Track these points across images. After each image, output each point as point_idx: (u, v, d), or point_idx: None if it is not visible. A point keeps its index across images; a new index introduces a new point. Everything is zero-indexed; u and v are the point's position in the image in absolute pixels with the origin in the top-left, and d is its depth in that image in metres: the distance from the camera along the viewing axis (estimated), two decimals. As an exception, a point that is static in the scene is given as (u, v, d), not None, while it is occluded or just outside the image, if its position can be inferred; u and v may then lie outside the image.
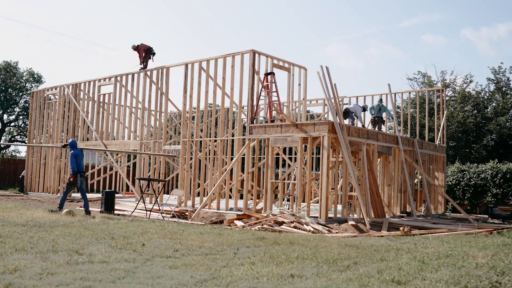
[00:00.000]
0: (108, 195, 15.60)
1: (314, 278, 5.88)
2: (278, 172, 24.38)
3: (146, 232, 10.01)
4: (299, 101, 18.09)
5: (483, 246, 9.22)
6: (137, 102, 20.31)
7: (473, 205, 21.46)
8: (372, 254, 7.84)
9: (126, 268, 6.09)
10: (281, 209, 14.37)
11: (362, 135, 14.90)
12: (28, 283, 5.12)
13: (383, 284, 5.56)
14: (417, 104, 23.37)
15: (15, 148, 48.82)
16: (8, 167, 28.80)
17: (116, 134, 21.87)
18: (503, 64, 47.11)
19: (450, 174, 22.10)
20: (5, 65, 39.16)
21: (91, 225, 10.89)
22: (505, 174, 20.44)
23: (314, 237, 10.34)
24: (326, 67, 14.56)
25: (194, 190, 16.79)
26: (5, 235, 8.39)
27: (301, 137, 13.91)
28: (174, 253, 7.50)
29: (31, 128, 25.88)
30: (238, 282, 5.52)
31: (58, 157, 23.66)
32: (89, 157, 31.85)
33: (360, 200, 13.50)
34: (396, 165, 17.07)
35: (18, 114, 41.23)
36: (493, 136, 29.41)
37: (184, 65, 17.71)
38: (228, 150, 21.32)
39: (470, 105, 30.09)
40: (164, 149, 18.56)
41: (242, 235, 10.00)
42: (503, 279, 5.84)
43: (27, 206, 15.90)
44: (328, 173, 13.49)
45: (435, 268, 6.58)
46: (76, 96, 23.25)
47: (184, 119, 17.79)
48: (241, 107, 16.01)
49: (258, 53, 15.60)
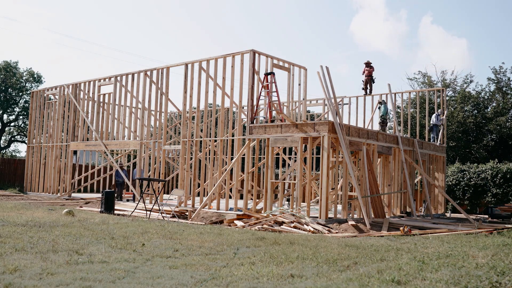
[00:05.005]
0: (108, 195, 15.59)
1: (314, 278, 5.88)
2: (278, 172, 24.37)
3: (146, 232, 10.00)
4: (299, 101, 18.08)
5: (483, 246, 9.22)
6: (137, 102, 20.31)
7: (473, 205, 21.46)
8: (372, 254, 7.84)
9: (126, 268, 6.08)
10: (281, 209, 14.37)
11: (362, 135, 14.89)
12: (28, 283, 5.12)
13: (383, 284, 5.56)
14: (417, 104, 23.35)
15: (15, 148, 48.85)
16: (8, 167, 28.79)
17: (116, 134, 21.87)
18: (504, 64, 47.08)
19: (450, 174, 22.09)
20: (5, 65, 39.15)
21: (91, 225, 10.89)
22: (505, 174, 20.44)
23: (314, 237, 10.34)
24: (326, 67, 14.57)
25: (194, 190, 16.79)
26: (5, 235, 8.39)
27: (301, 137, 13.90)
28: (174, 253, 7.49)
29: (31, 128, 25.88)
30: (238, 282, 5.52)
31: (58, 157, 23.66)
32: (89, 157, 31.85)
33: (360, 200, 13.49)
34: (396, 165, 17.06)
35: (18, 114, 41.21)
36: (493, 136, 29.39)
37: (184, 65, 17.71)
38: (228, 150, 21.31)
39: (470, 105, 30.08)
40: (164, 149, 18.55)
41: (242, 235, 10.00)
42: (503, 279, 5.84)
43: (27, 206, 15.90)
44: (328, 173, 13.49)
45: (435, 268, 6.57)
46: (76, 96, 23.24)
47: (184, 119, 17.78)
48: (241, 107, 16.01)
49: (258, 53, 15.59)
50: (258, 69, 15.65)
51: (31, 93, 26.21)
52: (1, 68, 38.87)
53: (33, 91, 26.13)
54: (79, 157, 31.03)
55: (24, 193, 24.49)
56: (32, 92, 26.18)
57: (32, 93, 26.17)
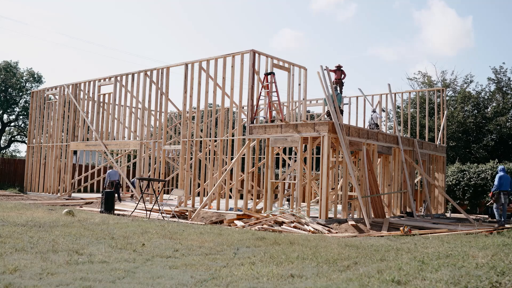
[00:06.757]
0: (108, 195, 15.59)
1: (314, 278, 5.88)
2: (278, 172, 24.37)
3: (146, 232, 10.00)
4: (299, 101, 18.08)
5: (483, 246, 9.21)
6: (137, 102, 20.31)
7: (473, 205, 21.44)
8: (372, 254, 7.84)
9: (126, 268, 6.08)
10: (281, 209, 14.37)
11: (362, 135, 14.89)
12: (28, 283, 5.11)
13: (383, 284, 5.56)
14: (417, 104, 23.35)
15: (15, 148, 48.84)
16: (8, 167, 28.78)
17: (116, 134, 21.87)
18: (505, 64, 47.06)
19: (450, 174, 22.08)
20: (5, 65, 39.15)
21: (91, 225, 10.89)
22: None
23: (314, 237, 10.33)
24: (326, 67, 14.56)
25: (194, 190, 16.79)
26: (5, 235, 8.38)
27: (301, 137, 13.90)
28: (174, 253, 7.49)
29: (31, 128, 25.88)
30: (238, 282, 5.52)
31: (58, 157, 23.66)
32: (89, 157, 31.86)
33: (360, 200, 13.49)
34: (396, 165, 17.06)
35: (18, 114, 41.21)
36: (493, 136, 29.35)
37: (184, 65, 17.71)
38: (228, 150, 21.31)
39: (470, 105, 30.06)
40: (164, 149, 18.55)
41: (242, 235, 10.00)
42: (503, 279, 5.84)
43: (27, 206, 15.90)
44: (328, 173, 13.49)
45: (435, 268, 6.57)
46: (76, 96, 23.24)
47: (184, 119, 17.78)
48: (241, 107, 16.01)
49: (258, 53, 15.59)
50: (258, 69, 15.65)
51: (31, 93, 26.21)
52: (1, 68, 38.87)
53: (33, 91, 26.13)
54: (79, 157, 31.02)
55: (24, 193, 24.49)
56: (32, 92, 26.18)
57: (32, 93, 26.17)
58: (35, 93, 25.89)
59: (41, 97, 25.37)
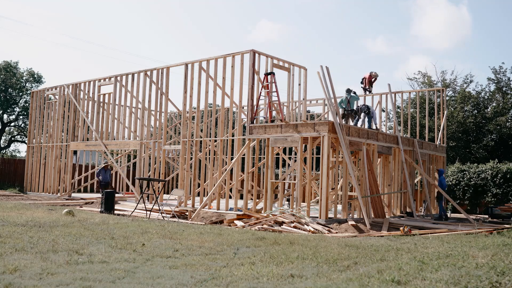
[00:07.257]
0: (108, 195, 15.59)
1: (314, 278, 5.88)
2: (278, 172, 24.37)
3: (146, 232, 10.00)
4: (299, 101, 18.08)
5: (483, 246, 9.21)
6: (137, 102, 20.31)
7: (473, 205, 21.44)
8: (372, 254, 7.84)
9: (126, 268, 6.08)
10: (281, 209, 14.37)
11: (362, 135, 14.89)
12: (28, 283, 5.11)
13: (383, 284, 5.56)
14: (417, 104, 23.36)
15: (15, 148, 48.84)
16: (8, 167, 28.77)
17: (116, 134, 21.86)
18: (504, 64, 47.06)
19: (450, 174, 22.08)
20: (5, 65, 39.15)
21: (91, 225, 10.89)
22: (505, 174, 20.42)
23: (314, 237, 10.33)
24: (326, 67, 14.56)
25: (194, 190, 16.79)
26: (5, 235, 8.38)
27: (301, 137, 13.90)
28: (174, 253, 7.49)
29: (31, 128, 25.88)
30: (238, 282, 5.52)
31: (58, 157, 23.66)
32: (89, 157, 31.86)
33: (360, 200, 13.49)
34: (396, 165, 17.06)
35: (18, 114, 41.21)
36: (493, 136, 29.36)
37: (184, 65, 17.71)
38: (228, 150, 21.31)
39: (470, 105, 30.06)
40: (164, 149, 18.55)
41: (242, 235, 10.00)
42: (503, 279, 5.84)
43: (27, 206, 15.90)
44: (328, 173, 13.49)
45: (435, 268, 6.57)
46: (76, 96, 23.24)
47: (184, 119, 17.78)
48: (241, 107, 16.01)
49: (258, 53, 15.59)
50: (258, 69, 15.64)
51: (31, 93, 26.21)
52: (1, 68, 38.87)
53: (33, 91, 26.13)
54: (79, 157, 31.01)
55: (24, 193, 24.48)
56: (32, 92, 26.18)
57: (32, 93, 26.16)
58: (35, 93, 25.88)
59: (41, 97, 25.37)
